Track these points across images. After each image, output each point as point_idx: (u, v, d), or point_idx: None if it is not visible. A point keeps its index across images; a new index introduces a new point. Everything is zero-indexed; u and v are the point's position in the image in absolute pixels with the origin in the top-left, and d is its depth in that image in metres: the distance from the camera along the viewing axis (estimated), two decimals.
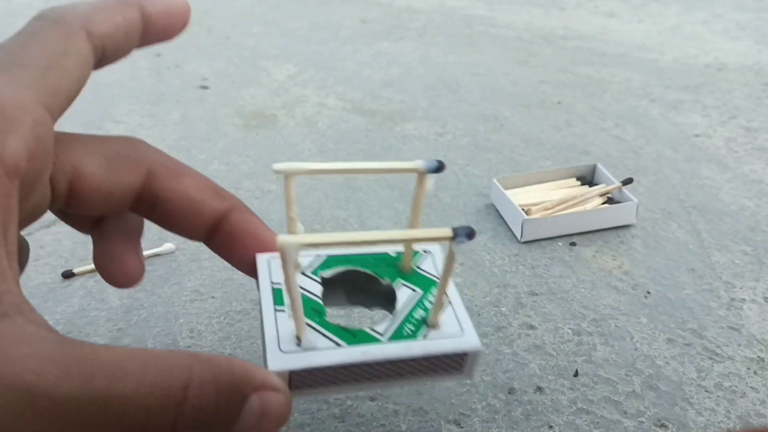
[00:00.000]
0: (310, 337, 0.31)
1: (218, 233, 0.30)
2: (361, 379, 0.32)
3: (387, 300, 0.34)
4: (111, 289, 0.53)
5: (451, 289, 0.34)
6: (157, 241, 0.59)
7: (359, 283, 0.36)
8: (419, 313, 0.33)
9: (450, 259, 0.30)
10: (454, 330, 0.32)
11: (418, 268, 0.35)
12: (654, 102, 0.86)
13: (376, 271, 0.35)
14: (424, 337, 0.32)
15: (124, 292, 0.52)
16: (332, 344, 0.31)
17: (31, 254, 0.57)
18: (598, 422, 0.40)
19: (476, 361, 0.32)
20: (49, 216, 0.64)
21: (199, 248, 0.58)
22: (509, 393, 0.43)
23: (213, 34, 1.15)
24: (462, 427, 0.40)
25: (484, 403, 0.42)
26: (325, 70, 0.98)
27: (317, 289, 0.34)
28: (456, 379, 0.33)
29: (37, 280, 0.54)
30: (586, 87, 0.91)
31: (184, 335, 0.48)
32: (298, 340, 0.31)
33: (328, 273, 0.35)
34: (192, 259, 0.56)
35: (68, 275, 0.54)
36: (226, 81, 0.95)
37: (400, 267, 0.35)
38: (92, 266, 0.55)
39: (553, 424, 0.40)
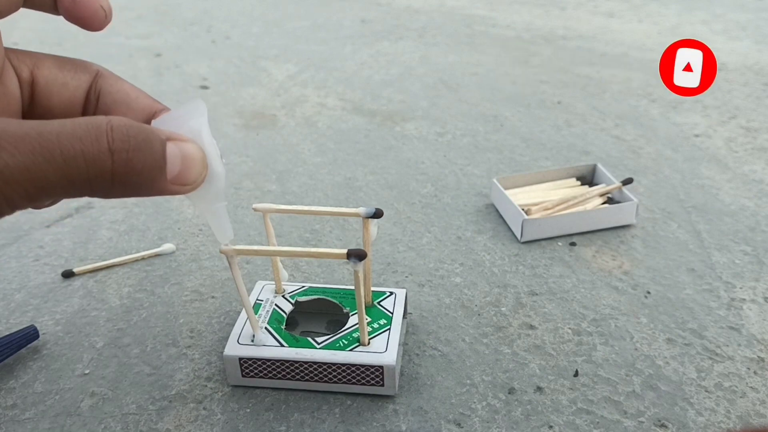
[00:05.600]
0: (262, 336, 0.42)
1: None
2: (299, 376, 0.42)
3: (341, 323, 0.44)
4: (111, 289, 0.53)
5: (396, 320, 0.44)
6: (157, 242, 0.59)
7: (325, 309, 0.47)
8: (357, 334, 0.42)
9: (355, 277, 0.38)
10: (380, 349, 0.41)
11: (378, 304, 0.45)
12: (654, 102, 0.86)
13: (341, 301, 0.46)
14: (351, 350, 0.41)
15: (124, 291, 0.52)
16: (277, 344, 0.42)
17: (31, 254, 0.57)
18: (598, 422, 0.40)
19: (393, 376, 0.41)
20: (48, 216, 0.64)
21: (199, 248, 0.58)
22: (509, 393, 0.43)
23: (213, 34, 1.15)
24: (462, 427, 0.40)
25: (484, 403, 0.42)
26: (325, 70, 0.98)
27: (288, 307, 0.46)
28: (379, 392, 0.42)
29: (37, 280, 0.54)
30: (586, 87, 0.91)
31: (184, 335, 0.48)
32: (253, 337, 0.42)
33: (303, 298, 0.47)
34: (192, 259, 0.56)
35: (68, 275, 0.54)
36: (226, 81, 0.95)
37: (367, 303, 0.45)
38: (92, 266, 0.56)
39: (553, 424, 0.40)
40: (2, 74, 0.29)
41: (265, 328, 0.44)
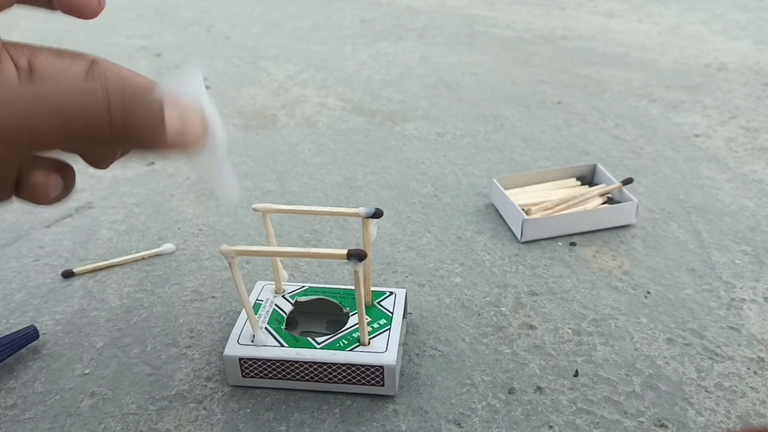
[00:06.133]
0: (262, 336, 0.43)
1: None
2: (299, 376, 0.42)
3: (341, 323, 0.44)
4: (111, 289, 0.53)
5: (396, 319, 0.44)
6: (157, 242, 0.59)
7: (325, 309, 0.47)
8: (357, 334, 0.43)
9: (354, 278, 0.38)
10: (380, 349, 0.41)
11: (378, 304, 0.46)
12: (654, 102, 0.86)
13: (341, 301, 0.46)
14: (351, 350, 0.41)
15: (124, 291, 0.52)
16: (277, 344, 0.42)
17: (31, 254, 0.57)
18: (598, 422, 0.40)
19: (393, 376, 0.41)
20: (49, 216, 0.64)
21: (199, 248, 0.58)
22: (509, 393, 0.43)
23: (213, 34, 1.15)
24: (462, 427, 0.40)
25: (484, 403, 0.42)
26: (325, 70, 0.98)
27: (288, 307, 0.46)
28: (379, 392, 0.42)
29: (37, 280, 0.54)
30: (586, 87, 0.91)
31: (184, 335, 0.48)
32: (253, 337, 0.42)
33: (303, 298, 0.47)
34: (192, 259, 0.56)
35: (68, 275, 0.54)
36: (226, 81, 0.95)
37: (367, 303, 0.45)
38: (92, 266, 0.56)
39: (553, 424, 0.40)
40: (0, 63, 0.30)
41: (265, 328, 0.44)
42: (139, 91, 0.27)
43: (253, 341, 0.42)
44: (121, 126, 0.26)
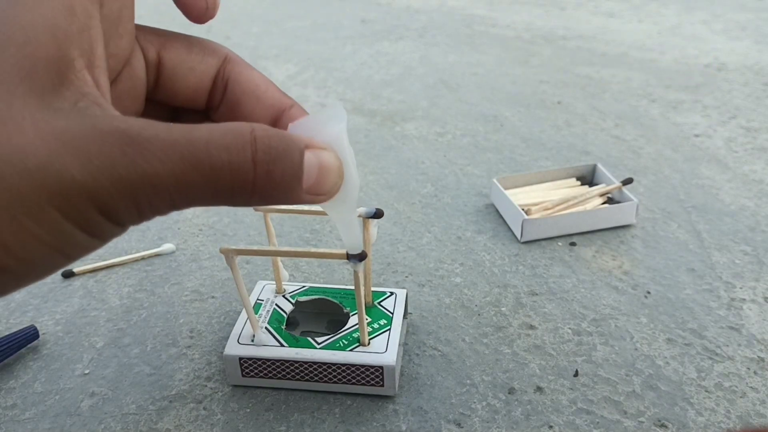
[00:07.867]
0: (263, 336, 0.43)
1: (278, 125, 0.33)
2: (298, 376, 0.42)
3: (342, 323, 0.45)
4: (111, 289, 0.53)
5: (396, 320, 0.44)
6: (157, 242, 0.59)
7: (326, 309, 0.47)
8: (357, 335, 0.43)
9: (354, 278, 0.39)
10: (380, 349, 0.41)
11: (379, 304, 0.46)
12: (654, 102, 0.86)
13: (342, 301, 0.46)
14: (351, 350, 0.42)
15: (124, 291, 0.52)
16: (277, 344, 0.42)
17: None
18: (598, 422, 0.40)
19: (393, 376, 0.41)
20: None
21: (199, 248, 0.58)
22: (509, 393, 0.43)
23: (213, 35, 1.15)
24: (462, 427, 0.40)
25: (484, 403, 0.42)
26: (325, 70, 0.98)
27: (288, 307, 0.46)
28: (379, 392, 0.42)
29: None
30: (586, 87, 0.91)
31: (184, 335, 0.48)
32: (253, 337, 0.42)
33: (304, 298, 0.47)
34: (192, 259, 0.56)
35: (68, 275, 0.54)
36: None
37: (367, 303, 0.45)
38: (92, 266, 0.56)
39: (553, 424, 0.40)
40: (130, 55, 0.28)
41: (266, 328, 0.44)
42: (284, 140, 0.25)
43: (253, 341, 0.42)
44: (263, 181, 0.24)
